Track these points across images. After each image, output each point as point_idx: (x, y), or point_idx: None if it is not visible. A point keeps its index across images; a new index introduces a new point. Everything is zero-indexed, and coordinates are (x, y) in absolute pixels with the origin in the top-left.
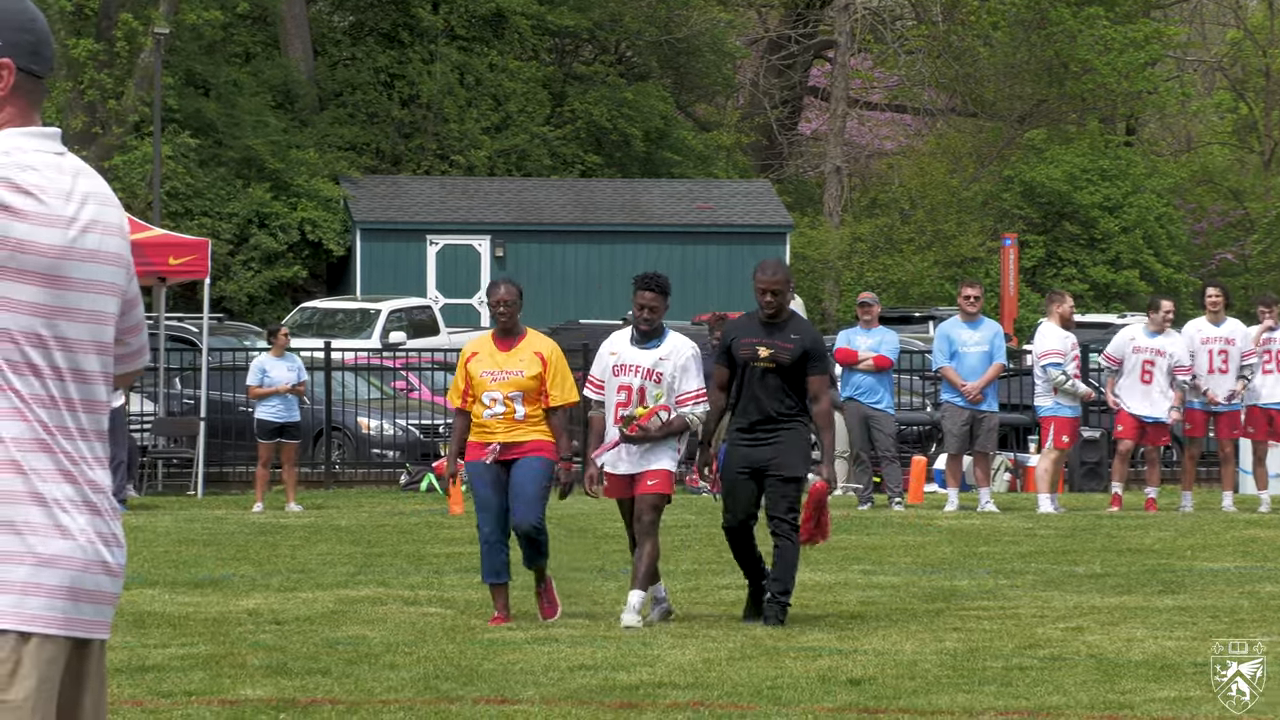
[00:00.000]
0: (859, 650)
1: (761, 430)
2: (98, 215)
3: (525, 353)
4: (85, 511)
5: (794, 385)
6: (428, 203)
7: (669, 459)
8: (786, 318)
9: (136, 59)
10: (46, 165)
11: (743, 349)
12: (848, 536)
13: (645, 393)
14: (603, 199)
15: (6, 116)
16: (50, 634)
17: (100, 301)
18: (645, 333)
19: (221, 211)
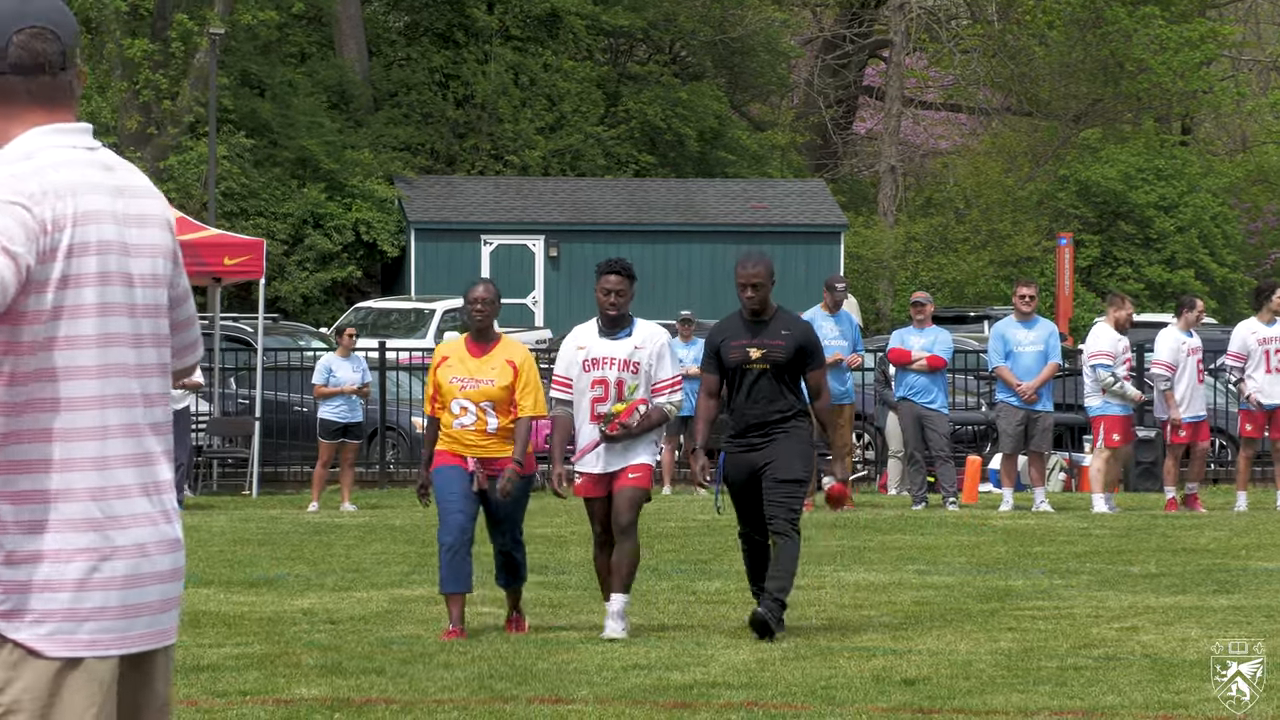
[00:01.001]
0: (913, 650)
1: (756, 435)
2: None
3: (497, 360)
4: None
5: (791, 384)
6: (482, 203)
7: (649, 454)
8: (773, 314)
9: (192, 59)
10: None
11: (732, 352)
12: (902, 536)
13: (623, 386)
14: (657, 199)
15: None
16: (99, 655)
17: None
18: (613, 322)
19: (276, 212)
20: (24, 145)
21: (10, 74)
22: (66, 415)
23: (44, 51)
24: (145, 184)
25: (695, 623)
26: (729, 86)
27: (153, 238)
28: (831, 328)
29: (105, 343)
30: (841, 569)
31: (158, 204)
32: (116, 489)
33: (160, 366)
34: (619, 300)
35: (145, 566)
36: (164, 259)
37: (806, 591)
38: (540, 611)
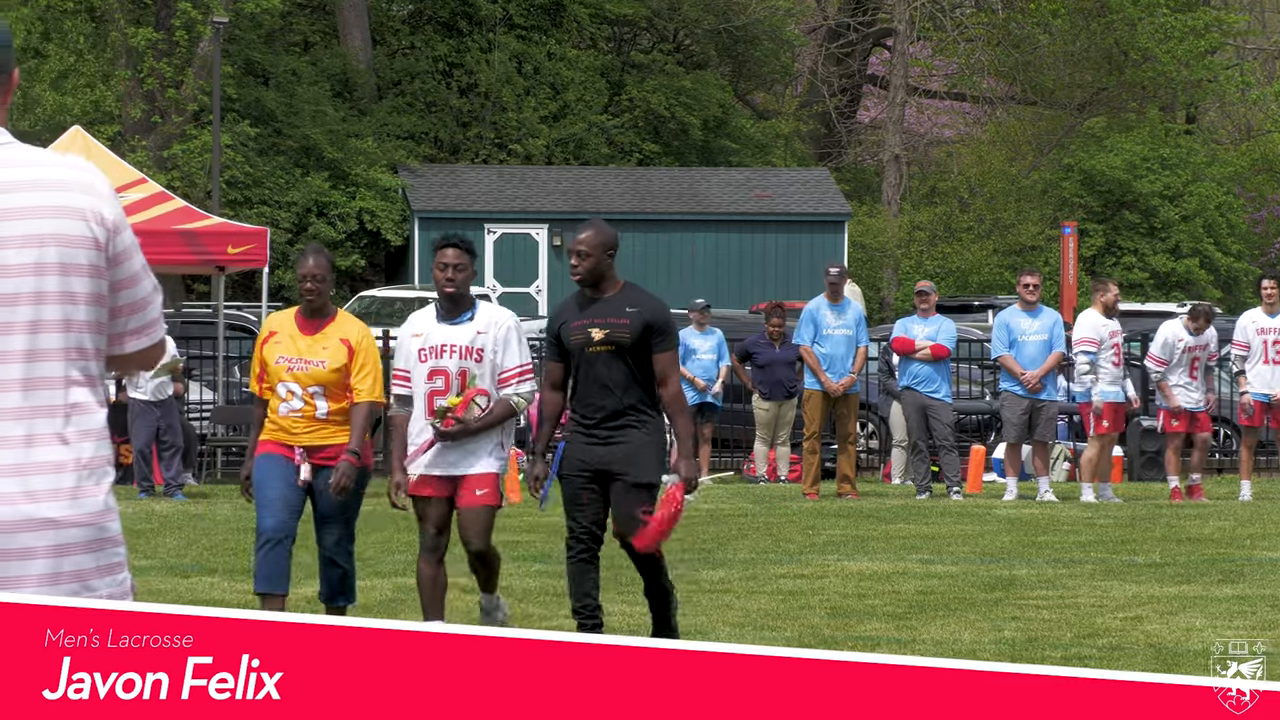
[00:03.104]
0: (917, 640)
1: (607, 427)
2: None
3: (330, 339)
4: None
5: (641, 369)
6: (485, 192)
7: (494, 460)
8: (617, 290)
9: (195, 48)
10: None
11: (573, 334)
12: (906, 526)
13: (465, 376)
14: (660, 187)
15: None
16: None
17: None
18: (453, 305)
19: (280, 200)
20: None
21: None
22: None
23: None
24: (40, 177)
25: (698, 611)
26: (733, 75)
27: (34, 228)
28: (834, 318)
29: None
30: (845, 558)
31: (52, 197)
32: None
33: (32, 353)
34: (456, 276)
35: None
36: (60, 247)
37: (809, 580)
38: (544, 600)
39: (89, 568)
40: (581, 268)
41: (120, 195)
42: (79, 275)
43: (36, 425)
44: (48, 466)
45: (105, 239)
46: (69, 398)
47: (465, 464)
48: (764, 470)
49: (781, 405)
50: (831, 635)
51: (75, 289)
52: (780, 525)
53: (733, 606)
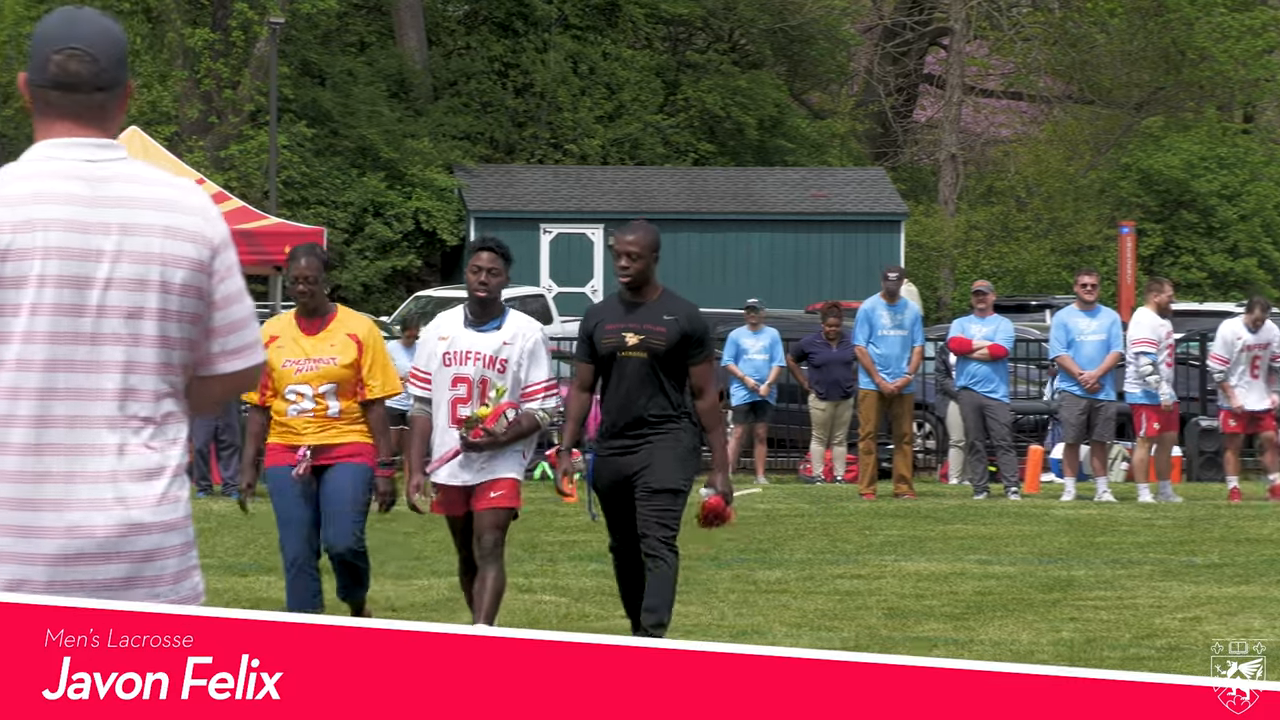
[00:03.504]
0: (975, 640)
1: (631, 435)
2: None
3: (336, 335)
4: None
5: (672, 378)
6: (541, 191)
7: (515, 467)
8: (657, 295)
9: (252, 48)
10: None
11: (607, 336)
12: (963, 526)
13: (487, 385)
14: (716, 187)
15: (38, 131)
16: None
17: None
18: (482, 310)
19: (337, 201)
20: (25, 156)
21: (48, 88)
22: (5, 404)
23: (78, 73)
24: (153, 196)
25: (755, 612)
26: (788, 75)
27: (144, 245)
28: (889, 317)
29: (52, 339)
30: (902, 559)
31: (162, 216)
32: (52, 475)
33: (128, 365)
34: (490, 280)
35: (83, 548)
36: (165, 266)
37: (867, 581)
38: (601, 600)
39: (171, 571)
40: (633, 269)
41: None
42: (179, 294)
43: (129, 434)
44: (140, 474)
45: (209, 260)
46: (160, 409)
47: (485, 473)
48: (820, 470)
49: (838, 405)
50: (889, 636)
51: (174, 307)
52: (837, 525)
53: (789, 607)
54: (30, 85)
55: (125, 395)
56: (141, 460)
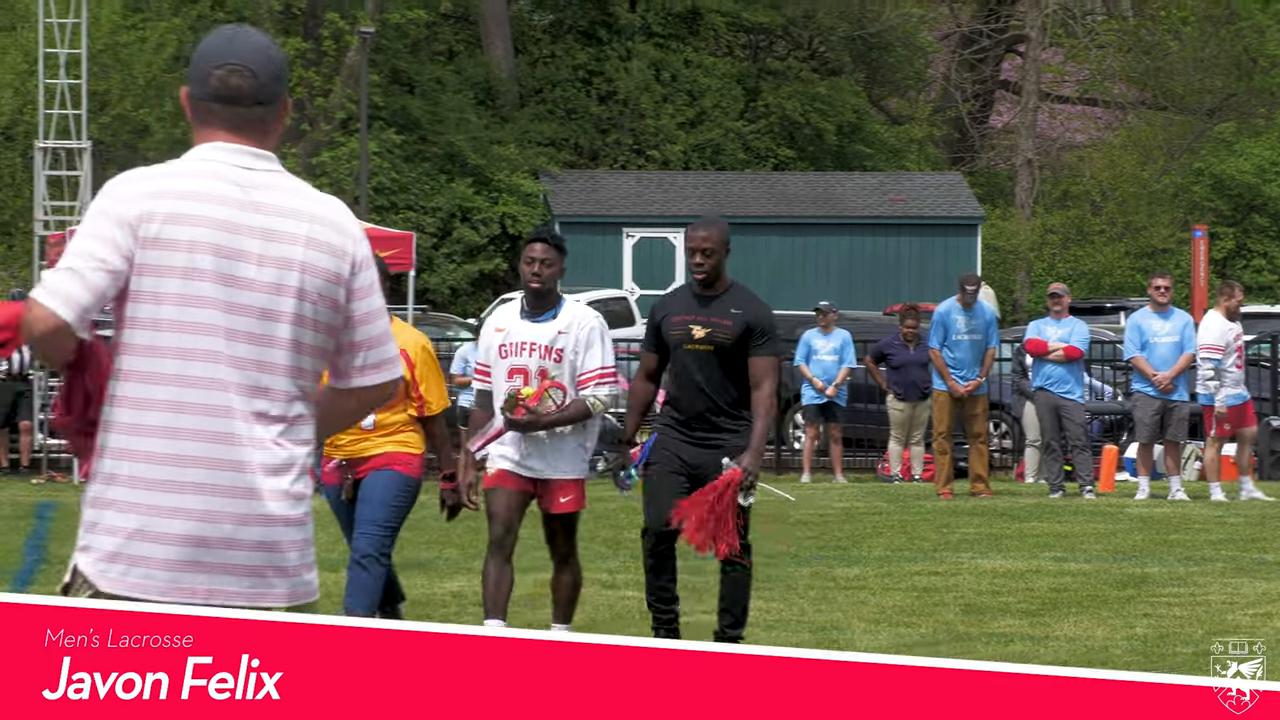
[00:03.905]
0: (1051, 636)
1: (700, 428)
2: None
3: None
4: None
5: (739, 371)
6: (624, 196)
7: (579, 465)
8: (726, 288)
9: (343, 57)
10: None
11: (674, 329)
12: (1039, 524)
13: (545, 376)
14: (796, 191)
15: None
16: (138, 597)
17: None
18: (537, 301)
19: (425, 206)
20: (186, 156)
21: (209, 101)
22: (140, 386)
23: (239, 87)
24: (298, 207)
25: (835, 608)
26: (867, 81)
27: (285, 252)
28: (965, 322)
29: (188, 329)
30: (979, 556)
31: (306, 227)
32: (186, 459)
33: (261, 364)
34: (543, 271)
35: (209, 531)
36: (304, 274)
37: (944, 577)
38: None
39: (290, 564)
40: (707, 265)
41: None
42: (314, 302)
43: (260, 428)
44: (268, 468)
45: (348, 275)
46: (291, 409)
47: (549, 468)
48: (898, 469)
49: (916, 405)
50: (965, 632)
51: (308, 314)
52: (914, 523)
53: (868, 603)
54: (191, 99)
55: (257, 392)
56: (270, 455)
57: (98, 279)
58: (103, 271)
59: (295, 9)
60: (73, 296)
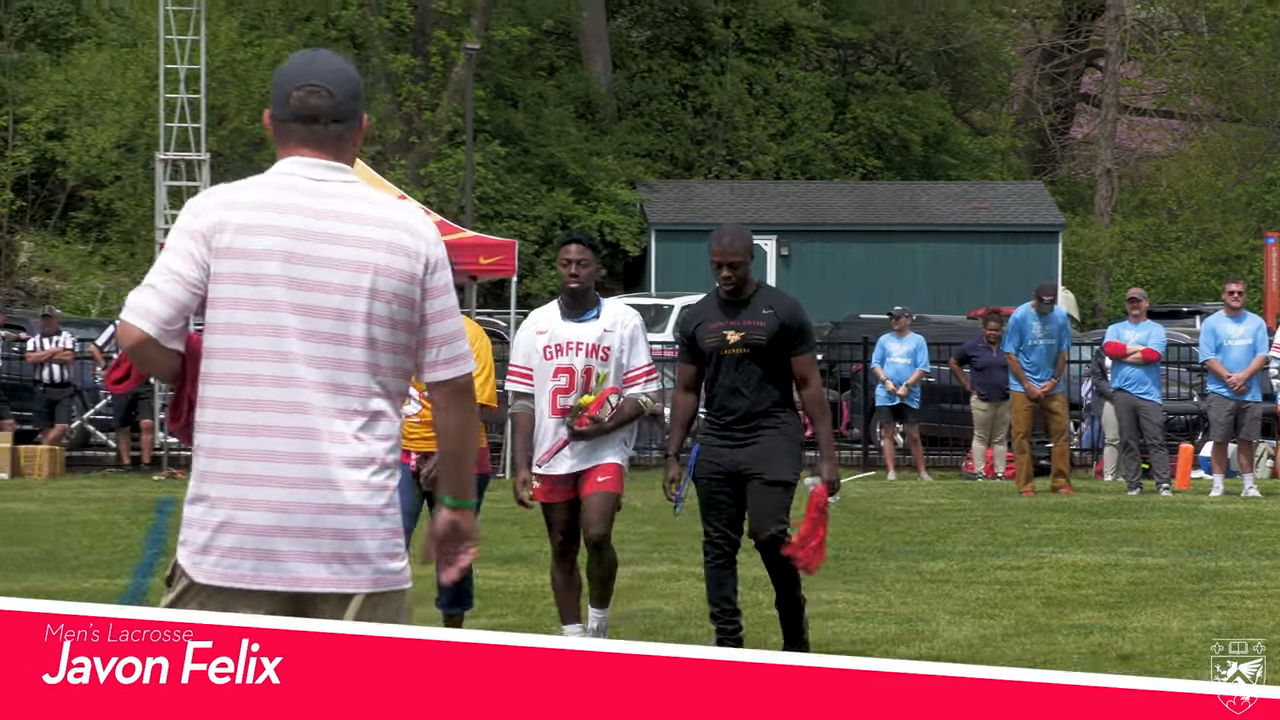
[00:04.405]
0: (1128, 627)
1: (740, 429)
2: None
3: None
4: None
5: (777, 371)
6: (718, 205)
7: (619, 453)
8: (753, 291)
9: (450, 73)
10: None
11: (708, 336)
12: (1118, 520)
13: (591, 374)
14: (883, 200)
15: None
16: (226, 586)
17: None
18: (577, 301)
19: (528, 215)
20: (272, 169)
21: (290, 121)
22: (222, 388)
23: (317, 106)
24: (370, 213)
25: (920, 600)
26: (952, 94)
27: (358, 256)
28: (1040, 327)
29: (262, 331)
30: (1060, 550)
31: (378, 232)
32: (266, 454)
33: (338, 362)
34: (580, 271)
35: (290, 522)
36: (377, 275)
37: (1026, 571)
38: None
39: (371, 552)
40: (734, 277)
41: None
42: (390, 303)
43: (340, 424)
44: (347, 461)
45: (423, 276)
46: (370, 405)
47: (589, 459)
48: (981, 467)
49: (998, 406)
50: (1047, 623)
51: (383, 314)
52: (997, 519)
53: (952, 596)
54: (274, 120)
55: (335, 389)
56: (350, 449)
57: (173, 290)
58: (177, 283)
59: (404, 27)
60: (152, 310)
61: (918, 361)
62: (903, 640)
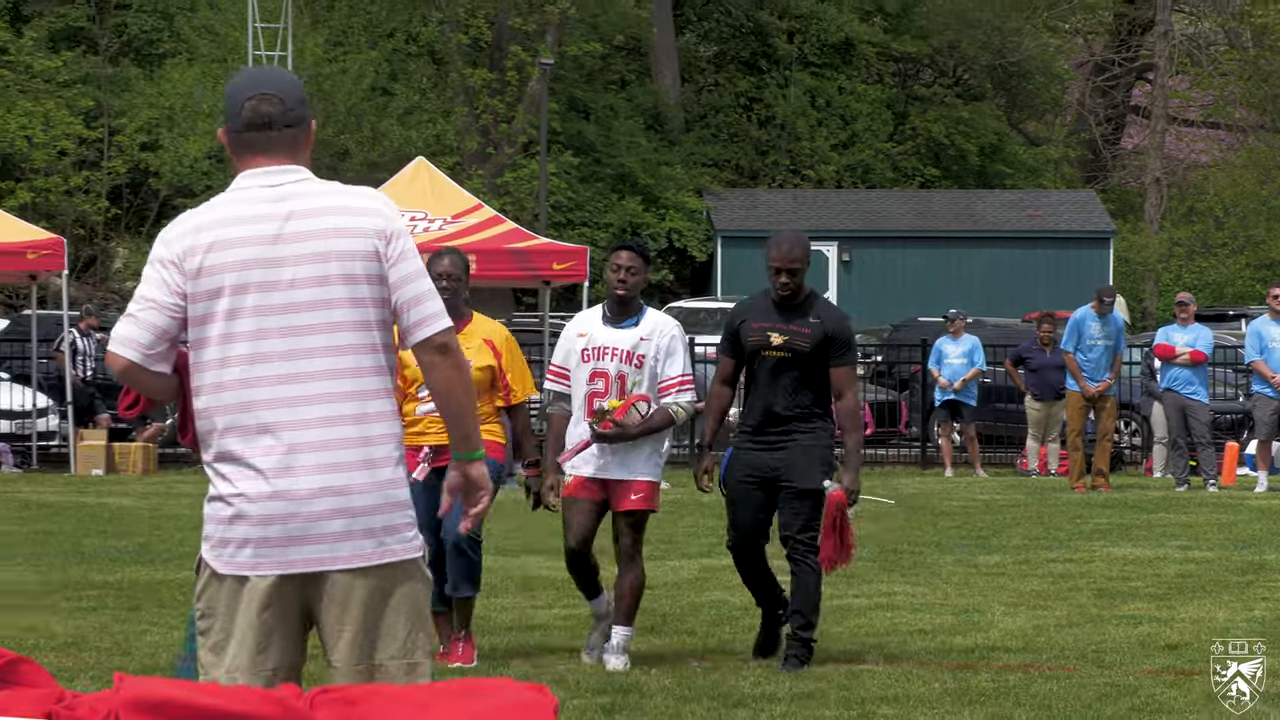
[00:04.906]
0: (1176, 618)
1: (773, 433)
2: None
3: (472, 340)
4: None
5: (814, 379)
6: (781, 212)
7: (653, 468)
8: (805, 297)
9: (525, 87)
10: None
11: (752, 335)
12: (1166, 515)
13: (625, 381)
14: (940, 208)
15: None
16: (245, 574)
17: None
18: (621, 309)
19: (599, 222)
20: (227, 189)
21: (244, 130)
22: (218, 395)
23: (269, 113)
24: (324, 205)
25: (976, 592)
26: (1007, 106)
27: (319, 247)
28: (1098, 328)
29: (253, 337)
30: (1110, 544)
31: (333, 220)
32: (267, 449)
33: (330, 349)
34: (629, 278)
35: (299, 508)
36: (342, 261)
37: (1078, 564)
38: (833, 581)
39: (377, 527)
40: (793, 284)
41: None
42: (363, 282)
43: (337, 408)
44: (347, 442)
45: (384, 249)
46: (365, 384)
47: (623, 471)
48: (1035, 465)
49: (1051, 405)
50: (1098, 614)
51: (362, 294)
52: (1050, 515)
53: (1006, 588)
54: (230, 132)
55: (334, 374)
56: (348, 431)
57: (151, 316)
58: (154, 309)
59: (482, 43)
60: (132, 338)
61: (974, 361)
62: (959, 630)
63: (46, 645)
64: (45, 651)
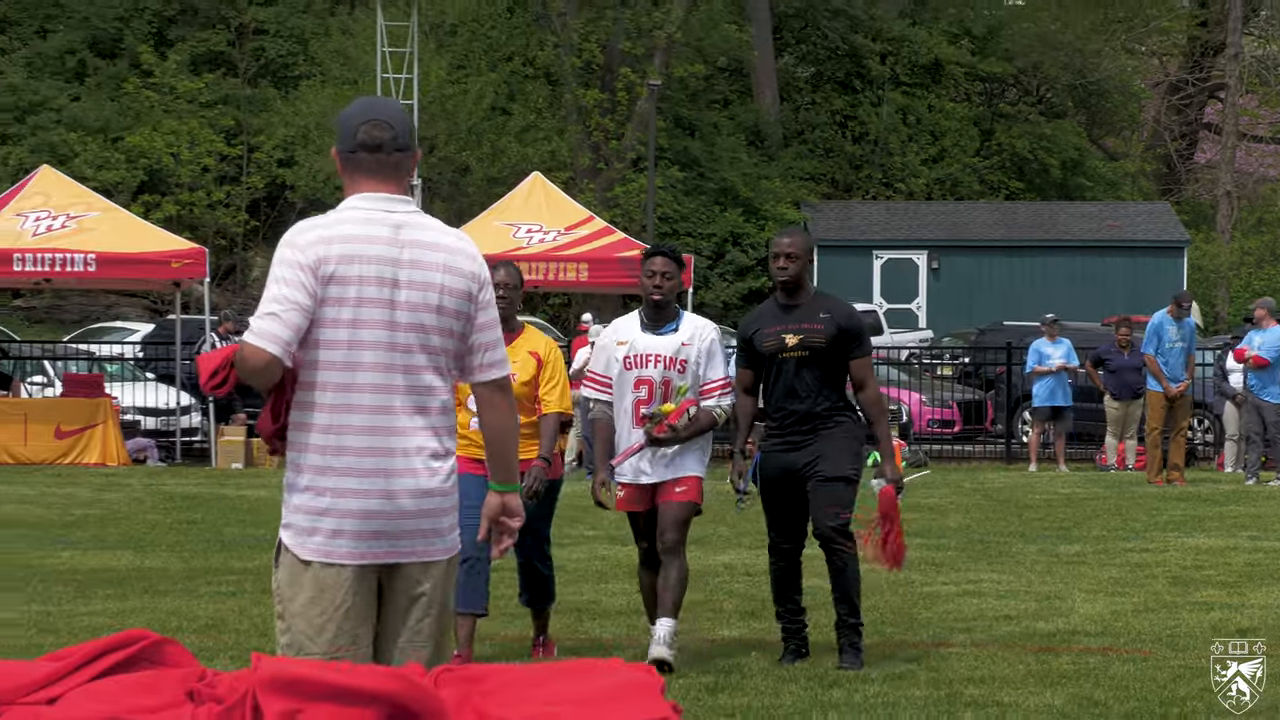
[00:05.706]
0: (1246, 604)
1: (800, 432)
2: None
3: (519, 352)
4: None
5: (834, 374)
6: (874, 223)
7: (698, 464)
8: (809, 296)
9: (634, 106)
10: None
11: (767, 340)
12: (1237, 508)
13: (669, 386)
14: (1023, 219)
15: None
16: (324, 562)
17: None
18: (659, 314)
19: (702, 232)
20: (342, 205)
21: (358, 150)
22: (318, 394)
23: (380, 138)
24: (436, 240)
25: (1057, 580)
26: (1087, 123)
27: (428, 277)
28: (1175, 332)
29: (363, 346)
30: (1184, 535)
31: (443, 256)
32: (357, 449)
33: (418, 367)
34: (664, 283)
35: (379, 505)
36: (443, 294)
37: (1153, 554)
38: (923, 568)
39: (445, 526)
40: (791, 269)
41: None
42: (452, 316)
43: (419, 420)
44: (428, 453)
45: (475, 292)
46: (439, 401)
47: (670, 470)
48: (1114, 460)
49: (1129, 404)
50: (1172, 600)
51: (448, 325)
52: (1128, 507)
53: (1086, 576)
54: (341, 154)
55: (415, 390)
56: (427, 441)
57: (293, 317)
58: (295, 310)
59: (594, 65)
60: (277, 335)
61: (1069, 361)
62: (1042, 615)
63: (189, 627)
64: (188, 633)
